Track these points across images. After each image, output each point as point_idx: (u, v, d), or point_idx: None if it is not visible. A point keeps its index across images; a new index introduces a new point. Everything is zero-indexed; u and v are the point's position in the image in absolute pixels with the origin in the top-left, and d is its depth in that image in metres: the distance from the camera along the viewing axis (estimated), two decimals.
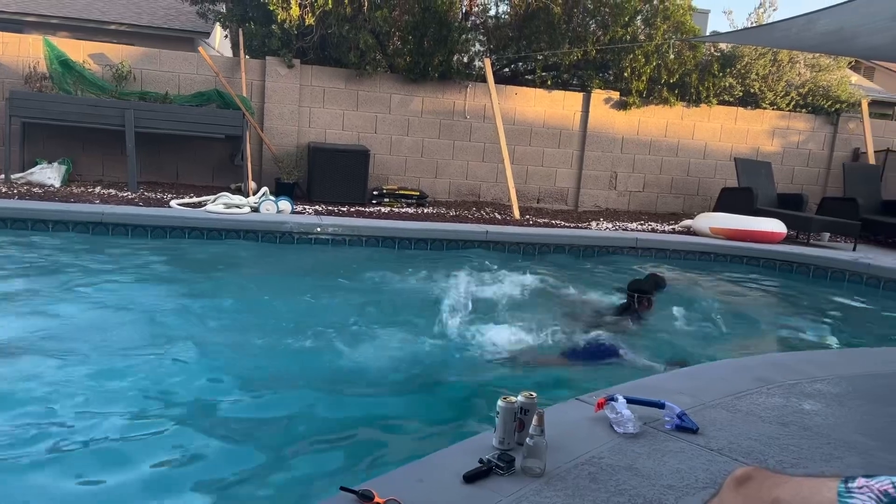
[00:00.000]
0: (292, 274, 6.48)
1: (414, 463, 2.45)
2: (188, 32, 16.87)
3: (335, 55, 10.14)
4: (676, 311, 6.31)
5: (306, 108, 10.04)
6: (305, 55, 10.21)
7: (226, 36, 11.34)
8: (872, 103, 13.31)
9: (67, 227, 6.91)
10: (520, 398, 2.54)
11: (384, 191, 9.75)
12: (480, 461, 2.37)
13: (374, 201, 9.63)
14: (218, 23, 11.97)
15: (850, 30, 7.48)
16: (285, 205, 8.19)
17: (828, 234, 9.84)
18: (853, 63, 17.69)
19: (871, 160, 11.38)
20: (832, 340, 5.74)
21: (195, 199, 8.21)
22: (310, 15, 9.63)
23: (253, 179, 9.13)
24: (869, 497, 1.13)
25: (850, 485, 1.18)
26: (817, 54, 11.62)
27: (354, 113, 10.22)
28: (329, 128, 10.15)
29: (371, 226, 7.84)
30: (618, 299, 5.78)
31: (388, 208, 9.40)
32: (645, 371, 4.10)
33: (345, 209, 8.96)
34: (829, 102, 11.81)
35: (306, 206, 8.83)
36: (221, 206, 7.84)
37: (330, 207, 8.95)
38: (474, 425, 3.13)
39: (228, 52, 13.27)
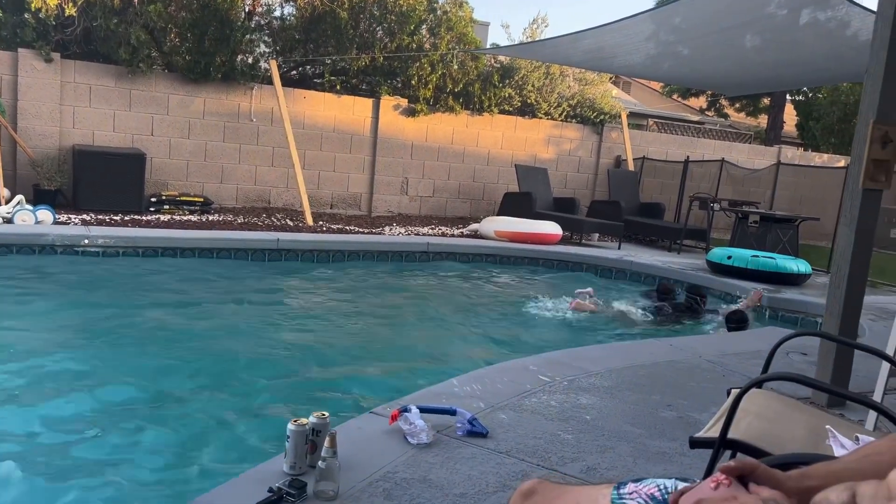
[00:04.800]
0: (54, 292, 5.80)
1: (198, 499, 2.27)
2: None
3: (103, 50, 9.27)
4: (464, 314, 6.55)
5: (69, 107, 9.07)
6: (67, 49, 9.23)
7: None
8: (630, 115, 14.81)
9: None
10: (311, 419, 2.45)
11: (163, 197, 9.09)
12: (270, 490, 2.25)
13: (152, 209, 8.94)
14: None
15: (609, 49, 8.23)
16: (46, 214, 7.34)
17: (597, 235, 10.76)
18: (613, 78, 19.58)
19: (631, 166, 12.66)
20: (602, 335, 6.25)
21: None
22: (70, 5, 8.72)
23: (6, 186, 8.06)
24: (638, 502, 1.20)
25: (621, 491, 1.24)
26: (584, 70, 12.69)
27: (127, 113, 9.42)
28: (98, 129, 9.26)
29: (149, 236, 7.26)
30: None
31: (169, 216, 8.77)
32: None
33: (118, 218, 8.21)
34: (595, 114, 12.96)
35: (72, 216, 7.98)
36: None
37: (100, 217, 8.16)
38: (265, 451, 2.97)
39: None
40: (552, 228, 9.46)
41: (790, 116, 20.39)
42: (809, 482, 1.05)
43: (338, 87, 10.92)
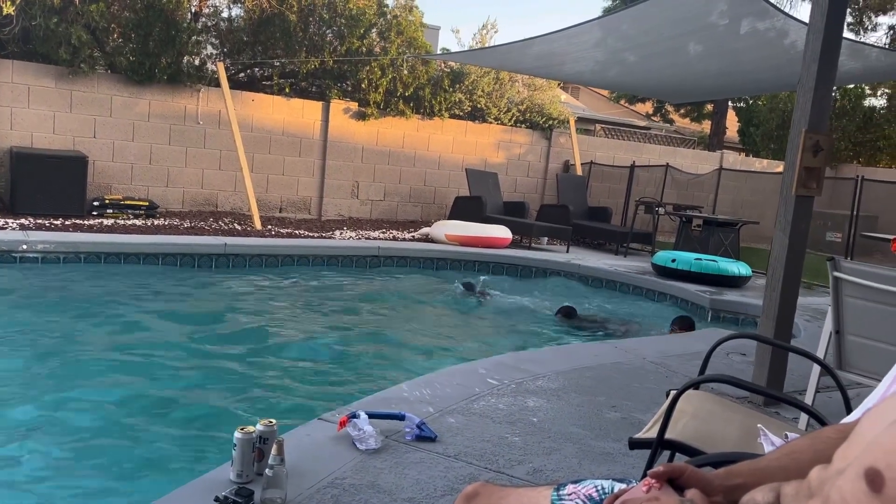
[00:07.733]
0: None
1: None
2: None
3: (42, 50, 9.00)
4: (414, 319, 6.58)
5: (6, 108, 8.79)
6: (4, 48, 8.94)
7: None
8: (578, 120, 15.06)
9: None
10: (258, 426, 2.44)
11: (107, 201, 8.87)
12: (216, 499, 2.24)
13: (94, 213, 8.72)
14: None
15: (558, 56, 8.36)
16: None
17: (546, 238, 10.89)
18: (562, 83, 19.85)
19: (579, 171, 12.86)
20: (550, 338, 6.35)
21: None
22: (8, 3, 8.45)
23: None
24: (577, 502, 1.24)
25: (560, 492, 1.28)
26: (533, 76, 12.85)
27: (68, 115, 9.17)
28: (37, 131, 8.99)
29: (91, 241, 7.08)
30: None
31: (112, 221, 8.57)
32: None
33: (59, 223, 7.99)
34: (544, 119, 13.13)
35: (9, 220, 7.73)
36: None
37: (40, 221, 7.92)
38: (211, 460, 2.94)
39: None
40: (502, 232, 9.55)
41: (732, 122, 21.01)
42: (736, 480, 1.11)
43: (287, 90, 10.83)
